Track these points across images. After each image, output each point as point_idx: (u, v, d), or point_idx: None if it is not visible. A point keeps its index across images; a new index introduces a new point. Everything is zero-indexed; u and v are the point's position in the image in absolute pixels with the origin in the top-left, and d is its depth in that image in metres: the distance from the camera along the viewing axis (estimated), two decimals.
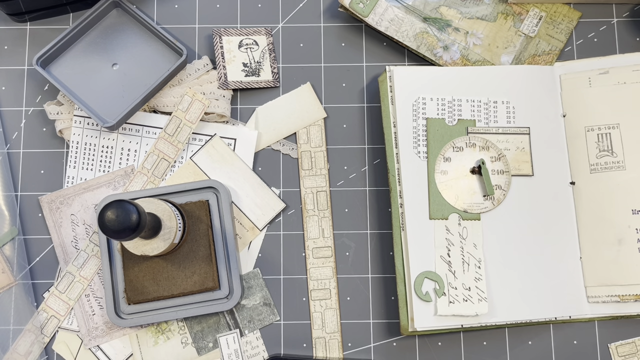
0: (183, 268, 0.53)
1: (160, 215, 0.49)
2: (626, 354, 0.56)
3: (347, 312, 0.57)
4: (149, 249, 0.49)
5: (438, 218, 0.54)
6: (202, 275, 0.53)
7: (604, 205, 0.55)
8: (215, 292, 0.54)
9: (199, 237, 0.53)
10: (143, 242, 0.49)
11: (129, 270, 0.53)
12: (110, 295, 0.53)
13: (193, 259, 0.53)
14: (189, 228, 0.53)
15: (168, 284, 0.53)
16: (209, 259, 0.53)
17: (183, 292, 0.53)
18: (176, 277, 0.53)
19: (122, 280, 0.53)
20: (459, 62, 0.58)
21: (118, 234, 0.43)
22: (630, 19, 0.61)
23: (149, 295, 0.53)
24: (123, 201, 0.43)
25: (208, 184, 0.54)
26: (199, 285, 0.53)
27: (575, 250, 0.56)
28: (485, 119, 0.56)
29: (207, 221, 0.54)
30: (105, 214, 0.43)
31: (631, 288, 0.54)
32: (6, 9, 0.58)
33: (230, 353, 0.55)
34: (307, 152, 0.58)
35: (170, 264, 0.53)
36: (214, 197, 0.55)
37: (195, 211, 0.54)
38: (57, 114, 0.57)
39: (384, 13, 0.58)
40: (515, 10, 0.60)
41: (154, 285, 0.53)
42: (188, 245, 0.53)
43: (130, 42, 0.58)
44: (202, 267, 0.53)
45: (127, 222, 0.43)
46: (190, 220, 0.53)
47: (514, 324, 0.54)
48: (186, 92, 0.57)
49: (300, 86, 0.59)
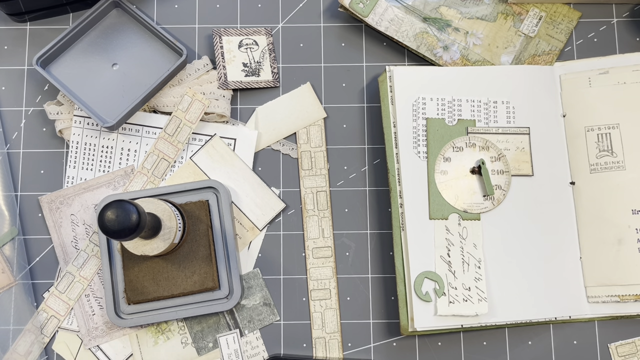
0: (183, 268, 0.53)
1: (160, 215, 0.49)
2: (626, 354, 0.56)
3: (347, 312, 0.57)
4: (148, 249, 0.49)
5: (438, 218, 0.54)
6: (202, 275, 0.53)
7: (604, 205, 0.55)
8: (215, 292, 0.54)
9: (198, 237, 0.53)
10: (143, 242, 0.49)
11: (128, 271, 0.53)
12: (110, 295, 0.53)
13: (193, 259, 0.53)
14: (189, 228, 0.53)
15: (168, 284, 0.53)
16: (209, 259, 0.53)
17: (183, 292, 0.53)
18: (176, 277, 0.53)
19: (122, 280, 0.53)
20: (459, 62, 0.58)
21: (118, 234, 0.43)
22: (630, 19, 0.61)
23: (149, 295, 0.53)
24: (123, 201, 0.43)
25: (208, 184, 0.54)
26: (199, 285, 0.53)
27: (575, 250, 0.56)
28: (485, 119, 0.56)
29: (207, 221, 0.54)
30: (105, 214, 0.43)
31: (631, 288, 0.54)
32: (6, 9, 0.58)
33: (230, 353, 0.55)
34: (307, 152, 0.58)
35: (170, 264, 0.53)
36: (214, 197, 0.55)
37: (195, 211, 0.54)
38: (57, 113, 0.57)
39: (384, 13, 0.58)
40: (515, 10, 0.60)
41: (154, 285, 0.53)
42: (188, 245, 0.53)
43: (130, 42, 0.58)
44: (202, 267, 0.53)
45: (127, 222, 0.43)
46: (190, 220, 0.53)
47: (514, 324, 0.54)
48: (186, 92, 0.57)
49: (300, 86, 0.59)
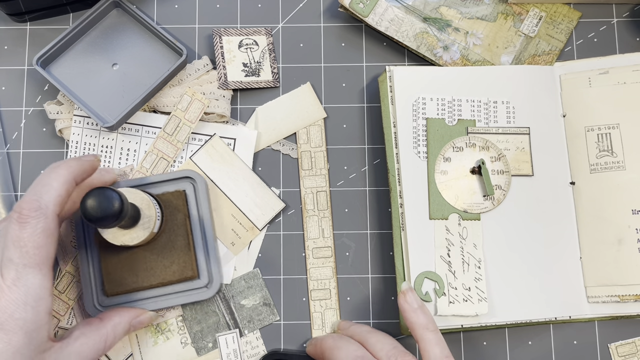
0: (161, 258, 0.53)
1: (138, 204, 0.49)
2: (626, 354, 0.56)
3: (347, 312, 0.57)
4: (128, 239, 0.49)
5: (438, 218, 0.54)
6: (181, 265, 0.53)
7: (604, 205, 0.55)
8: (195, 281, 0.54)
9: (176, 227, 0.53)
10: (122, 232, 0.49)
11: (107, 262, 0.53)
12: (88, 287, 0.53)
13: (171, 248, 0.53)
14: (166, 218, 0.53)
15: (147, 275, 0.53)
16: (187, 248, 0.53)
17: (162, 282, 0.53)
18: (154, 268, 0.53)
19: (100, 272, 0.53)
20: (459, 62, 0.58)
21: (101, 221, 0.43)
22: (630, 19, 0.61)
23: (128, 287, 0.52)
24: (105, 188, 0.44)
25: (184, 174, 0.55)
26: (177, 275, 0.53)
27: (575, 250, 0.56)
28: (485, 119, 0.56)
29: (185, 211, 0.54)
30: (87, 201, 0.43)
31: (631, 288, 0.54)
32: (6, 9, 0.58)
33: (229, 353, 0.55)
34: (307, 152, 0.58)
35: (149, 254, 0.53)
36: (191, 187, 0.55)
37: (173, 201, 0.54)
38: (57, 113, 0.57)
39: (384, 13, 0.58)
40: (515, 10, 0.60)
41: (133, 276, 0.52)
42: (166, 235, 0.53)
43: (130, 42, 0.58)
44: (181, 256, 0.53)
45: (110, 209, 0.43)
46: (167, 210, 0.53)
47: (514, 324, 0.54)
48: (185, 92, 0.57)
49: (300, 86, 0.59)
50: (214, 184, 0.57)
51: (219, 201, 0.57)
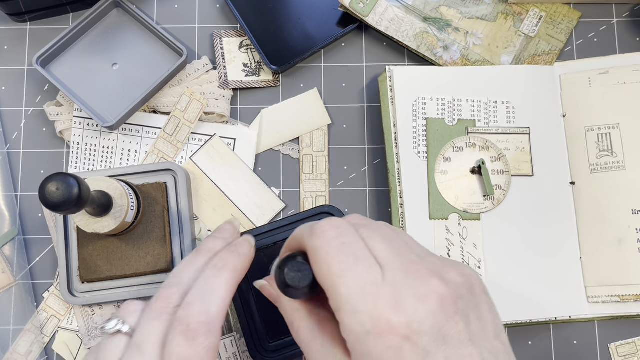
0: (137, 249, 0.53)
1: (111, 193, 0.49)
2: (626, 354, 0.56)
3: None
4: (99, 227, 0.49)
5: (438, 218, 0.54)
6: (156, 257, 0.53)
7: (604, 205, 0.55)
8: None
9: (154, 218, 0.53)
10: (94, 220, 0.49)
11: (83, 249, 0.53)
12: (64, 273, 0.53)
13: (147, 239, 0.53)
14: (144, 209, 0.53)
15: (121, 264, 0.53)
16: (163, 240, 0.53)
17: (136, 273, 0.53)
18: (130, 258, 0.53)
19: (77, 258, 0.53)
20: (459, 62, 0.58)
21: (59, 206, 0.43)
22: (630, 19, 0.61)
23: (102, 275, 0.53)
24: (65, 174, 0.43)
25: (166, 167, 0.55)
26: (152, 266, 0.53)
27: (575, 250, 0.56)
28: (485, 119, 0.56)
29: (164, 203, 0.54)
30: (46, 186, 0.42)
31: (631, 288, 0.54)
32: (6, 9, 0.58)
33: (228, 357, 0.55)
34: (308, 155, 0.58)
35: (125, 244, 0.53)
36: (172, 179, 0.55)
37: (152, 192, 0.54)
38: (57, 115, 0.57)
39: (384, 13, 0.58)
40: (515, 10, 0.60)
41: (108, 264, 0.53)
42: (143, 226, 0.53)
43: (130, 42, 0.58)
44: (156, 248, 0.53)
45: (68, 195, 0.42)
46: (146, 201, 0.53)
47: (514, 324, 0.54)
48: (184, 92, 0.57)
49: (307, 91, 0.59)
50: (214, 184, 0.57)
51: (219, 201, 0.57)
